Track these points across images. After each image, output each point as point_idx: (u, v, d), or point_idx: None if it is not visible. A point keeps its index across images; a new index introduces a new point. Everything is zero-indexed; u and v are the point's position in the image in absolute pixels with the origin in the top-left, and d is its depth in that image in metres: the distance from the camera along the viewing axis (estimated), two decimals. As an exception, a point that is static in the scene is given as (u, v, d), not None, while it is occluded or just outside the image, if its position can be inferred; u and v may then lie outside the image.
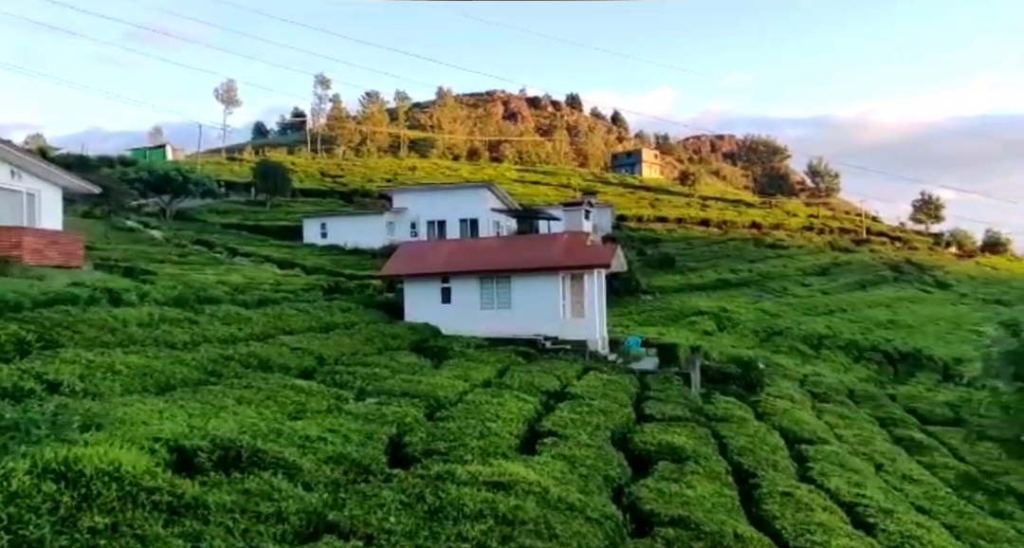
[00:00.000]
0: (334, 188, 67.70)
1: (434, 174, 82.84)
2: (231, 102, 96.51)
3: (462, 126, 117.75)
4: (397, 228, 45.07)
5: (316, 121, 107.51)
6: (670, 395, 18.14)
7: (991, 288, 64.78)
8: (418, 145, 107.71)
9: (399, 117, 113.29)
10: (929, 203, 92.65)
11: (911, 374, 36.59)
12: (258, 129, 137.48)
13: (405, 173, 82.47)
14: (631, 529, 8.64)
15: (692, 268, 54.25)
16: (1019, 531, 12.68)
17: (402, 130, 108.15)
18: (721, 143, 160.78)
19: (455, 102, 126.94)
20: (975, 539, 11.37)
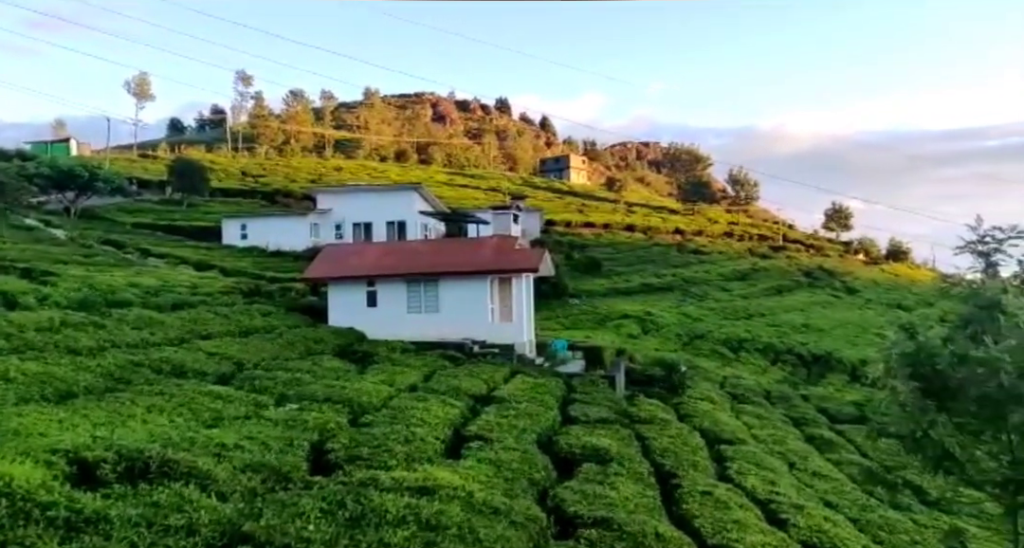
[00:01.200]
0: (256, 188, 65.57)
1: (360, 175, 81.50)
2: (143, 96, 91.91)
3: (390, 127, 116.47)
4: (322, 230, 44.07)
5: (237, 119, 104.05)
6: (595, 398, 18.37)
7: (893, 293, 68.75)
8: (344, 146, 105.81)
9: (325, 117, 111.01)
10: (840, 212, 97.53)
11: (822, 375, 38.35)
12: (174, 125, 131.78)
13: (330, 174, 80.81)
14: (555, 531, 8.68)
15: (618, 273, 55.31)
16: (915, 522, 13.45)
17: (327, 130, 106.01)
18: (647, 150, 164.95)
19: (383, 103, 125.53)
20: (876, 531, 11.97)
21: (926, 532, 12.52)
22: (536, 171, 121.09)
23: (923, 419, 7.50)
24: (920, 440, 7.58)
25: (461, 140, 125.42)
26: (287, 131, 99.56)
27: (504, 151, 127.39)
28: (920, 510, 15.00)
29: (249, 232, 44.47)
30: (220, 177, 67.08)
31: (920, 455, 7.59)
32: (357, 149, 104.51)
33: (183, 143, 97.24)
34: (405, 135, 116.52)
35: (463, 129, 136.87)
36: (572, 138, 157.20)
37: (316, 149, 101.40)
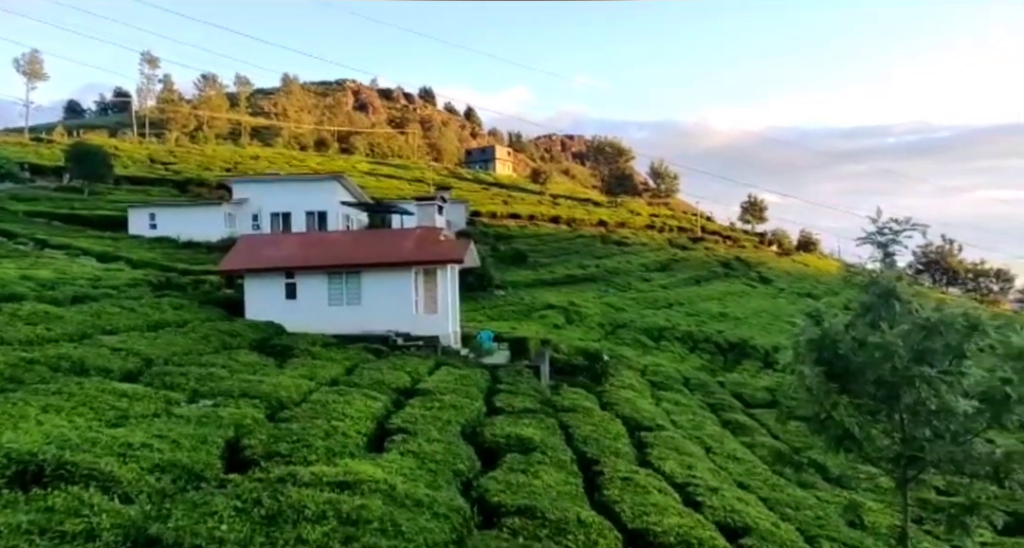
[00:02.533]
0: (166, 176, 62.41)
1: (280, 164, 78.83)
2: (35, 76, 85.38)
3: (310, 115, 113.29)
4: (238, 220, 42.44)
5: (143, 102, 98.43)
6: (520, 388, 18.50)
7: (803, 283, 72.26)
8: (261, 133, 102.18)
9: (240, 103, 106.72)
10: (755, 205, 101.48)
11: (738, 362, 39.90)
12: (71, 108, 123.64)
13: (247, 162, 77.84)
14: (479, 521, 8.70)
15: (543, 264, 55.82)
16: (819, 498, 14.22)
17: (243, 117, 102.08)
18: (571, 143, 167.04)
19: (302, 90, 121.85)
20: (784, 508, 12.58)
21: (828, 507, 13.24)
22: (461, 162, 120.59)
23: (826, 401, 7.87)
24: (823, 421, 7.96)
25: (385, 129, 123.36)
26: (199, 117, 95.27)
27: (429, 141, 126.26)
28: (823, 487, 15.87)
29: (159, 222, 42.34)
30: (125, 164, 63.51)
31: (823, 435, 7.99)
32: (275, 137, 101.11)
33: (82, 127, 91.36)
34: (326, 123, 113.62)
35: (386, 118, 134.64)
36: (498, 130, 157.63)
37: (231, 136, 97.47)
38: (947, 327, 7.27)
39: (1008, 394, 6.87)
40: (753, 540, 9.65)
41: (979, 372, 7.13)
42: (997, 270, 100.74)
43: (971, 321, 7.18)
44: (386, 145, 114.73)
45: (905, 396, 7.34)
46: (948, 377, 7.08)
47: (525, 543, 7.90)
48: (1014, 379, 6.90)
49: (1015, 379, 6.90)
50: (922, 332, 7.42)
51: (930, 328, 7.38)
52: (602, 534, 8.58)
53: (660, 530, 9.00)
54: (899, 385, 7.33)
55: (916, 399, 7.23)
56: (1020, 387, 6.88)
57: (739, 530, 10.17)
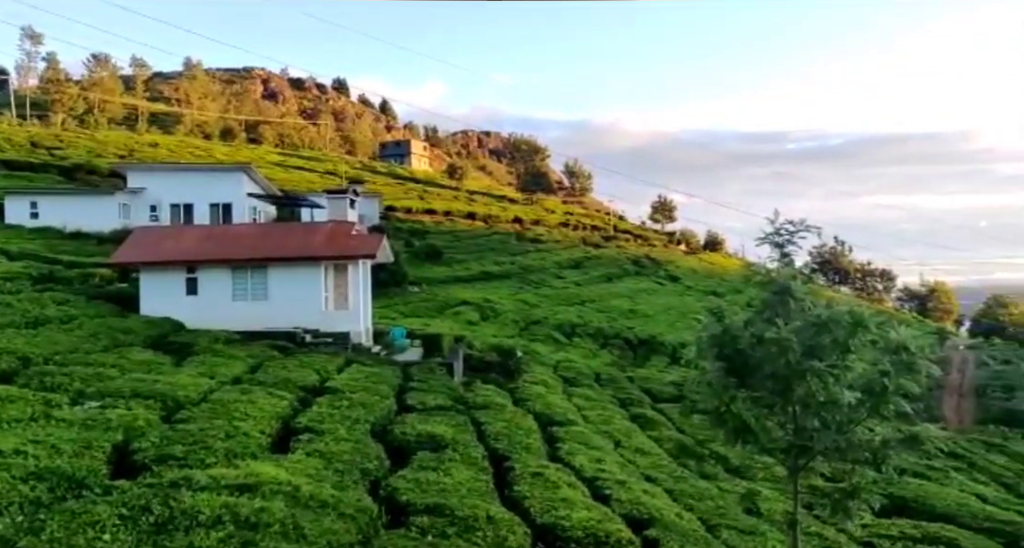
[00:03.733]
0: (50, 162, 57.73)
1: (181, 153, 74.80)
2: None
3: (215, 103, 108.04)
4: (133, 211, 39.96)
5: (24, 82, 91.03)
6: (432, 385, 18.35)
7: (709, 281, 75.26)
8: (161, 120, 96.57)
9: (136, 86, 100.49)
10: (664, 205, 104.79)
11: (647, 358, 41.12)
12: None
13: (144, 150, 73.30)
14: (386, 521, 8.56)
15: (458, 260, 55.64)
16: (720, 488, 14.83)
17: (140, 101, 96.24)
18: (488, 140, 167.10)
19: (206, 76, 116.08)
20: (687, 499, 13.04)
21: (728, 496, 13.81)
22: (376, 155, 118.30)
23: (726, 395, 8.19)
24: (723, 414, 8.28)
25: (295, 120, 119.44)
26: (90, 99, 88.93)
27: (342, 133, 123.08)
28: (724, 477, 16.54)
29: (42, 211, 39.22)
30: (2, 147, 58.66)
31: (723, 428, 8.30)
32: (176, 124, 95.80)
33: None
34: (232, 112, 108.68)
35: (297, 108, 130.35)
36: (413, 123, 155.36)
37: (127, 122, 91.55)
38: (835, 324, 7.68)
39: (886, 386, 7.35)
40: (658, 531, 9.93)
41: (862, 366, 7.59)
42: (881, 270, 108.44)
43: (855, 318, 7.61)
44: (297, 136, 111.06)
45: (797, 389, 7.70)
46: (835, 371, 7.48)
47: (433, 541, 7.82)
48: (891, 372, 7.40)
49: (892, 372, 7.40)
50: (813, 328, 7.80)
51: (820, 325, 7.77)
52: (511, 530, 8.60)
53: (568, 524, 9.11)
54: (792, 379, 7.69)
55: (807, 392, 7.60)
56: (897, 379, 7.37)
57: (645, 522, 10.43)
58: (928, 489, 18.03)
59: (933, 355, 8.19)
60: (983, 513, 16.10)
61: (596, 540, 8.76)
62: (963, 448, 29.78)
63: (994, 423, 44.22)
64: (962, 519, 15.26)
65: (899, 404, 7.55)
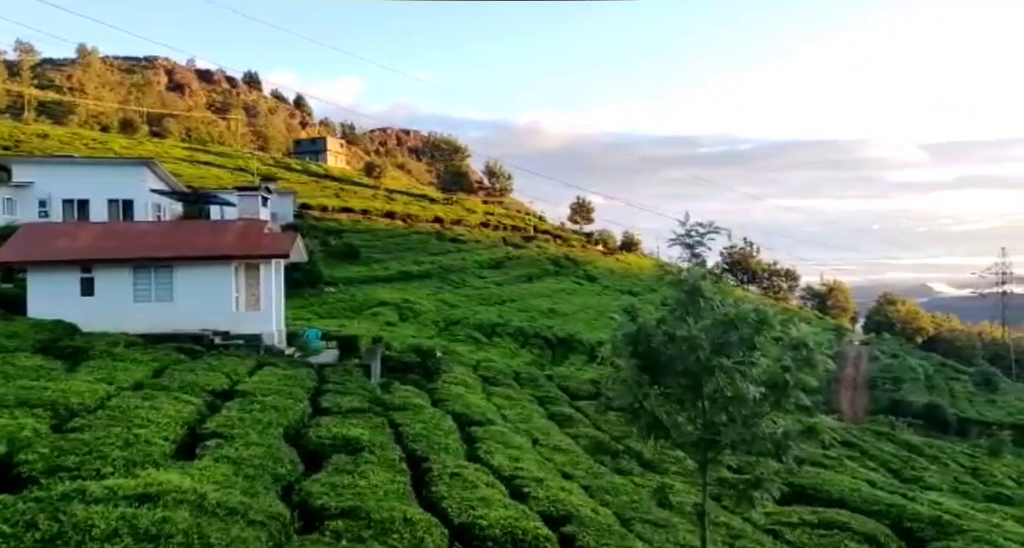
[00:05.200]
0: (-82, 150, 53.20)
1: (75, 145, 70.13)
2: None
3: (113, 93, 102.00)
4: (19, 206, 37.20)
5: None
6: (349, 387, 17.98)
7: (626, 281, 77.15)
8: (51, 109, 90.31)
9: (22, 73, 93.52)
10: (583, 206, 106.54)
11: (566, 356, 41.76)
12: None
13: (31, 141, 68.36)
14: (299, 526, 8.33)
15: (377, 260, 54.84)
16: (634, 483, 15.22)
17: (27, 89, 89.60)
18: (407, 138, 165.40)
19: (103, 64, 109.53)
20: (603, 495, 13.31)
21: (642, 491, 14.20)
22: (290, 152, 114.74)
23: (639, 392, 8.42)
24: (637, 411, 8.51)
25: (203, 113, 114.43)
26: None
27: (254, 129, 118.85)
28: (639, 472, 16.98)
29: (-95, 205, 36.09)
30: None
31: (637, 424, 8.53)
32: (69, 115, 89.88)
33: None
34: (133, 103, 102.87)
35: (205, 102, 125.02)
36: (330, 120, 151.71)
37: (12, 111, 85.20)
38: (741, 322, 8.02)
39: (788, 380, 7.75)
40: (574, 527, 10.08)
41: (766, 361, 7.96)
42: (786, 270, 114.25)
43: (760, 316, 7.98)
44: (205, 130, 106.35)
45: (706, 385, 8.00)
46: (741, 367, 7.82)
47: (348, 546, 7.67)
48: (792, 367, 7.81)
49: (793, 367, 7.81)
50: (721, 326, 8.13)
51: (727, 323, 8.10)
52: (428, 531, 8.54)
53: (486, 523, 9.12)
54: (702, 375, 7.98)
55: (715, 388, 7.91)
56: (797, 374, 7.79)
57: (562, 518, 10.57)
58: (825, 477, 19.11)
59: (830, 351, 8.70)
60: (872, 497, 17.21)
61: (513, 538, 8.81)
62: (856, 437, 31.75)
63: (883, 413, 47.43)
64: (854, 503, 16.27)
65: (799, 397, 7.97)
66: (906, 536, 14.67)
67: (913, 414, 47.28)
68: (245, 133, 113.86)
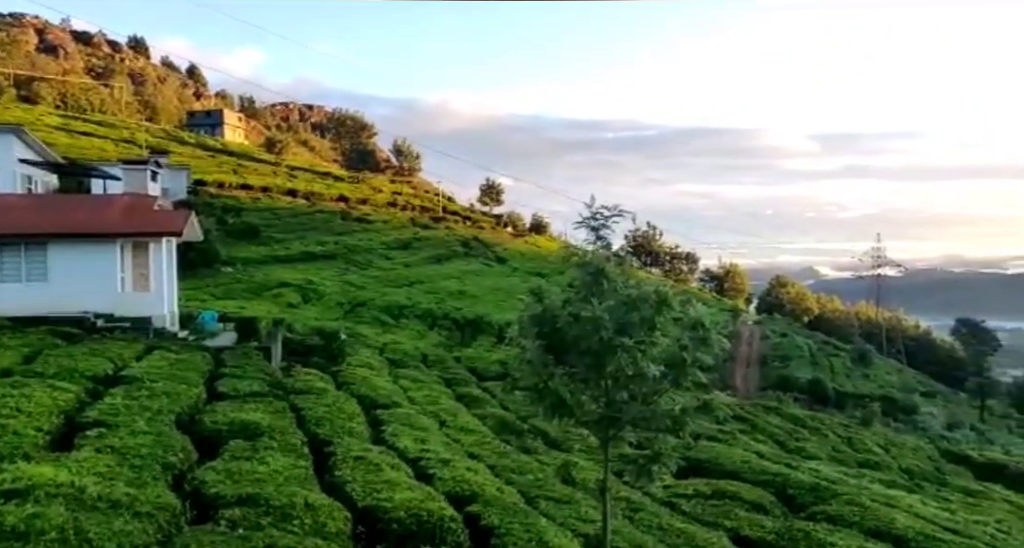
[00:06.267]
0: None
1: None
2: None
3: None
4: None
5: None
6: (248, 371, 17.34)
7: (535, 263, 77.89)
8: None
9: None
10: (492, 188, 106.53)
11: (474, 338, 41.84)
12: None
13: None
14: (192, 516, 7.96)
15: (278, 239, 53.02)
16: (540, 462, 15.50)
17: None
18: (311, 113, 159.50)
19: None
20: (509, 474, 13.47)
21: (547, 469, 14.47)
22: (183, 124, 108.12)
23: (545, 372, 8.51)
24: (542, 390, 8.60)
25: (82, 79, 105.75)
26: None
27: (141, 98, 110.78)
28: (544, 451, 17.30)
29: None
30: None
31: (542, 403, 8.63)
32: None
33: None
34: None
35: (84, 66, 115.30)
36: (227, 92, 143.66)
37: None
38: (643, 302, 8.22)
39: (685, 358, 8.04)
40: (479, 506, 10.14)
41: (666, 341, 8.21)
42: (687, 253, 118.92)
43: (661, 297, 8.21)
44: (84, 97, 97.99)
45: (609, 364, 8.17)
46: (642, 346, 8.02)
47: (245, 534, 7.37)
48: (690, 346, 8.10)
49: (690, 346, 8.10)
50: (624, 307, 8.30)
51: (630, 303, 8.28)
52: (331, 516, 8.37)
53: (391, 506, 9.03)
54: (605, 355, 8.14)
55: (617, 367, 8.09)
56: (694, 352, 8.09)
57: (467, 498, 10.61)
58: (719, 450, 20.14)
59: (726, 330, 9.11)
60: (760, 468, 18.29)
61: (418, 519, 8.76)
62: (748, 412, 33.64)
63: (773, 389, 50.50)
64: (744, 474, 17.23)
65: (696, 375, 8.28)
66: (788, 502, 15.69)
67: (799, 389, 50.58)
68: (131, 102, 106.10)
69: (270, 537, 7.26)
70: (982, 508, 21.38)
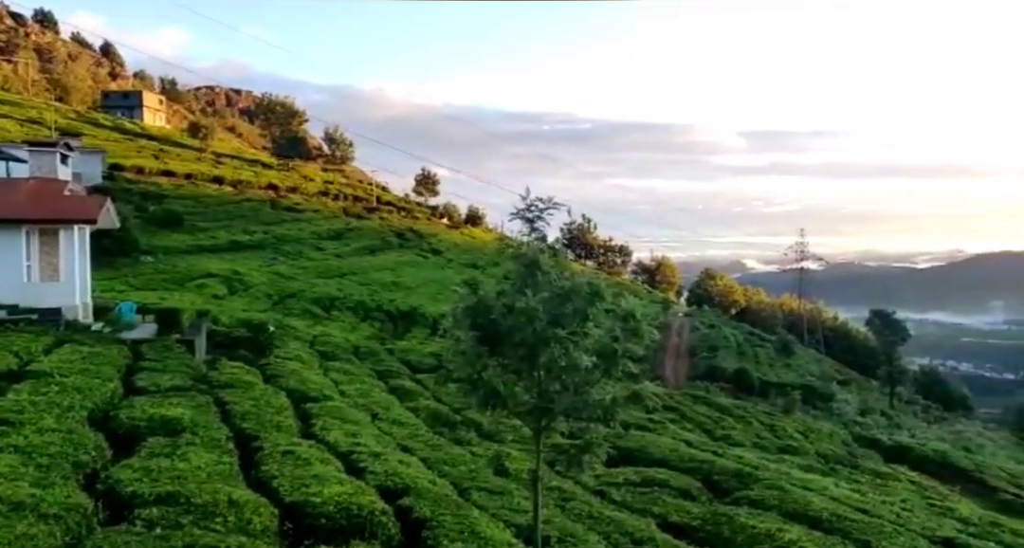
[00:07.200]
0: None
1: None
2: None
3: None
4: None
5: None
6: (169, 365, 16.66)
7: (470, 254, 77.74)
8: None
9: None
10: (428, 178, 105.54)
11: (408, 330, 41.45)
12: None
13: None
14: (105, 517, 7.58)
15: (203, 228, 51.13)
16: (474, 453, 15.49)
17: None
18: (239, 98, 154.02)
19: None
20: (442, 466, 13.41)
21: (480, 460, 14.47)
22: (97, 106, 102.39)
23: (478, 363, 8.47)
24: (476, 382, 8.56)
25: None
26: None
27: (50, 77, 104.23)
28: (477, 442, 17.30)
29: None
30: None
31: (475, 395, 8.59)
32: None
33: None
34: None
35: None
36: (147, 73, 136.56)
37: None
38: (576, 294, 8.28)
39: (616, 349, 8.14)
40: (411, 499, 10.04)
41: (598, 332, 8.29)
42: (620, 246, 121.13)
43: (593, 289, 8.28)
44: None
45: (542, 356, 8.20)
46: (575, 337, 8.08)
47: (162, 534, 7.06)
48: (621, 337, 8.21)
49: (621, 337, 8.21)
50: (557, 299, 8.34)
51: (563, 295, 8.32)
52: (256, 512, 8.13)
53: (319, 501, 8.83)
54: (538, 346, 8.16)
55: (551, 358, 8.12)
56: (625, 343, 8.20)
57: (399, 491, 10.50)
58: (648, 439, 20.61)
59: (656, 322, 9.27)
60: (688, 456, 18.83)
61: (348, 513, 8.60)
62: (677, 401, 34.59)
63: (701, 379, 52.06)
64: (673, 462, 17.70)
65: (627, 366, 8.39)
66: (714, 488, 16.21)
67: (725, 379, 52.33)
68: (38, 80, 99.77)
69: (190, 536, 6.98)
70: (889, 488, 22.65)
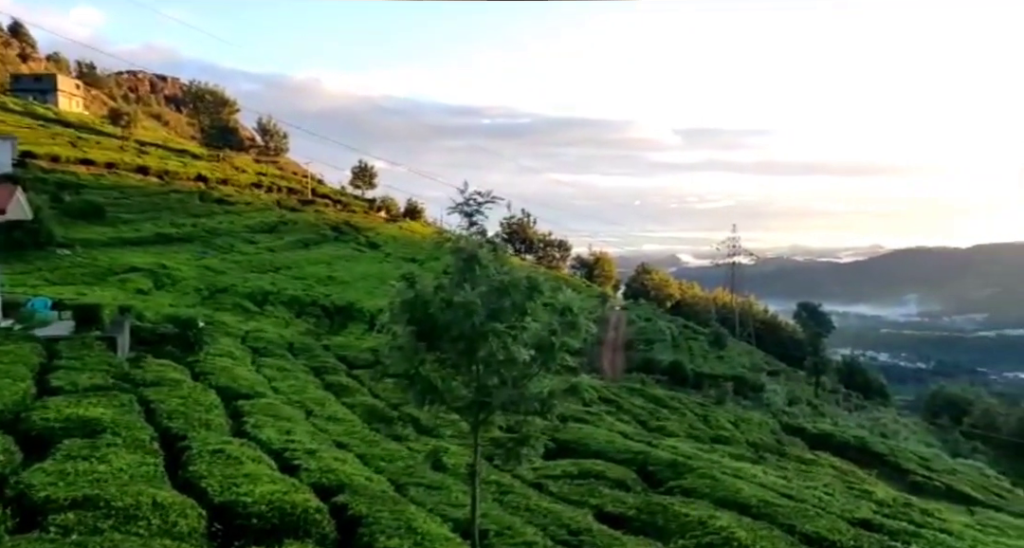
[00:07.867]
0: None
1: None
2: None
3: None
4: None
5: None
6: (88, 363, 15.87)
7: (409, 248, 76.88)
8: None
9: None
10: (365, 171, 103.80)
11: (344, 325, 40.73)
12: None
13: None
14: (14, 524, 7.16)
15: (126, 220, 48.96)
16: (411, 449, 15.37)
17: None
18: (164, 85, 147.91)
19: None
20: (378, 462, 13.25)
21: (417, 456, 14.37)
22: (5, 89, 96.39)
23: (416, 358, 8.38)
24: (413, 377, 8.48)
25: None
26: None
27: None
28: (415, 437, 17.17)
29: None
30: None
31: (412, 390, 8.51)
32: None
33: None
34: None
35: None
36: (62, 56, 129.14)
37: None
38: (514, 288, 8.28)
39: (554, 343, 8.20)
40: (347, 496, 9.89)
41: (536, 326, 8.32)
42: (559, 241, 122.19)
43: (532, 283, 8.30)
44: None
45: (481, 349, 8.17)
46: (514, 331, 8.09)
47: (78, 540, 6.72)
48: (558, 330, 8.26)
49: (559, 330, 8.27)
50: (496, 293, 8.32)
51: (502, 289, 8.31)
52: (183, 514, 7.84)
53: (251, 500, 8.58)
54: (476, 340, 8.13)
55: (489, 352, 8.10)
56: (563, 337, 8.26)
57: (334, 488, 10.32)
58: (585, 431, 20.88)
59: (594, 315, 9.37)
60: (624, 447, 19.16)
61: (281, 512, 8.39)
62: (614, 394, 35.17)
63: (637, 371, 53.13)
64: (609, 454, 17.98)
65: (565, 359, 8.46)
66: (649, 478, 16.55)
67: (661, 371, 53.57)
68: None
69: (110, 541, 6.68)
70: (813, 474, 23.62)
